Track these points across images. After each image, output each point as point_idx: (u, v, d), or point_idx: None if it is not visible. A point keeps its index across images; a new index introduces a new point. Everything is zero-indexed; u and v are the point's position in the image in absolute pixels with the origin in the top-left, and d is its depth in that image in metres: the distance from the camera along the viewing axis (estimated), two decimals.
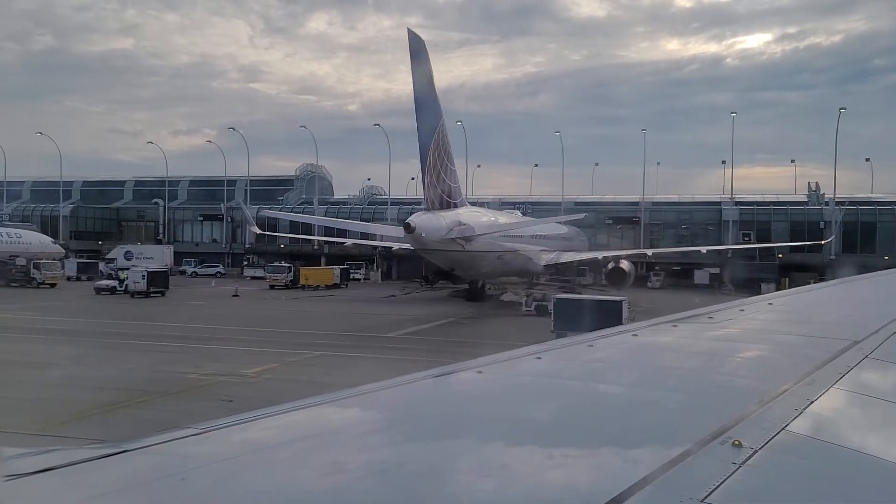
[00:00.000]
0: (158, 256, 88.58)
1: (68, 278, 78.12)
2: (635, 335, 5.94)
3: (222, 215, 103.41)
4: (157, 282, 61.66)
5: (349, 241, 78.69)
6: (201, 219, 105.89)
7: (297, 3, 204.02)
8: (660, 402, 3.80)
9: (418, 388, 3.97)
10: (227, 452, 2.73)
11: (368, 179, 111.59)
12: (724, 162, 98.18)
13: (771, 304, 9.19)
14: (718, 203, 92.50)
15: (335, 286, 73.41)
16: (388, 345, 34.55)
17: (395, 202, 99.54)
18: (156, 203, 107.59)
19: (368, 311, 51.83)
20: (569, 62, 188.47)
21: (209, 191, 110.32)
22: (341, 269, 78.54)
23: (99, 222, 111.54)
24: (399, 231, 55.62)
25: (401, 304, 58.22)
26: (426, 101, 51.87)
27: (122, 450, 2.58)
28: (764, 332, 6.81)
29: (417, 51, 51.58)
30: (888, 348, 5.48)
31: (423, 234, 49.63)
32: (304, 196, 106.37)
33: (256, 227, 76.21)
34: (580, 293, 48.73)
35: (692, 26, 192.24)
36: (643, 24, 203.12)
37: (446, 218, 51.29)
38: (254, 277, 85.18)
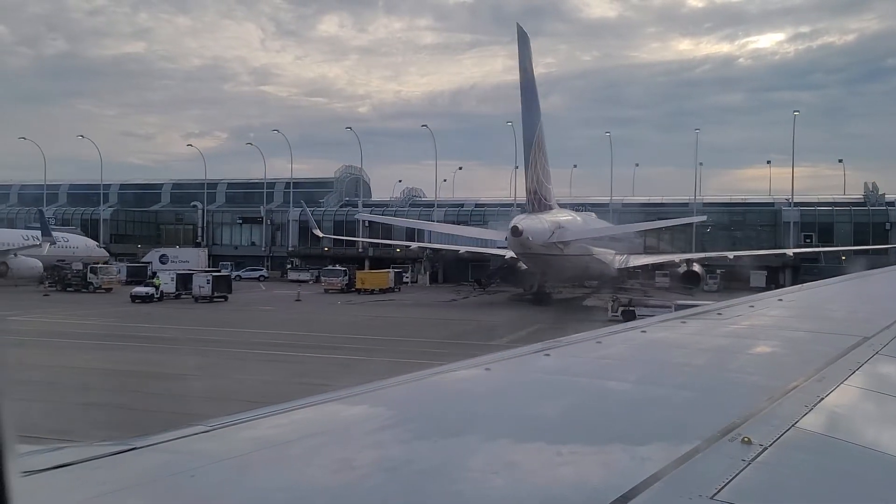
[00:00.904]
0: (194, 260, 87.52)
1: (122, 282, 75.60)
2: (644, 332, 5.93)
3: (262, 218, 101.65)
4: (221, 286, 60.14)
5: (463, 249, 71.02)
6: (240, 221, 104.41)
7: (307, 5, 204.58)
8: (669, 399, 3.79)
9: (426, 385, 3.98)
10: (235, 449, 2.75)
11: (400, 181, 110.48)
12: (769, 162, 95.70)
13: (780, 300, 9.15)
14: (772, 204, 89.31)
15: (390, 290, 71.39)
16: None
17: (439, 204, 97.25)
18: (194, 206, 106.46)
19: (447, 317, 48.90)
20: (580, 63, 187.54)
21: (247, 193, 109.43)
22: (395, 272, 76.36)
23: (137, 225, 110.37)
24: (495, 234, 54.17)
25: (470, 308, 55.75)
26: (530, 96, 50.51)
27: (133, 447, 2.60)
28: (773, 329, 6.78)
29: (523, 45, 50.23)
30: None
31: (530, 238, 48.00)
32: (344, 198, 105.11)
33: (319, 230, 75.27)
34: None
35: (704, 26, 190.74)
36: (654, 25, 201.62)
37: (547, 221, 50.02)
38: (298, 281, 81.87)
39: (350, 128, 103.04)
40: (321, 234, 76.89)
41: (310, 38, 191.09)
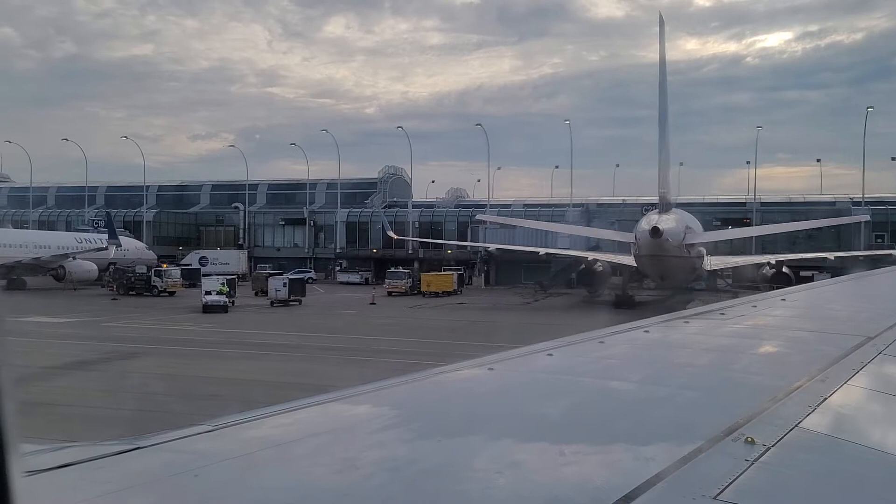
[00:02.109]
0: (234, 262, 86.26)
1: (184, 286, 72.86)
2: (647, 331, 5.92)
3: (304, 219, 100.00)
4: (296, 290, 57.63)
5: (590, 255, 63.38)
6: (283, 223, 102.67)
7: (314, 7, 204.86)
8: (672, 399, 3.78)
9: (430, 385, 3.98)
10: (239, 449, 2.75)
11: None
12: (818, 159, 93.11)
13: (784, 300, 9.14)
14: (833, 203, 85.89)
15: (453, 292, 69.18)
16: None
17: (482, 205, 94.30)
18: (236, 207, 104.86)
19: (541, 321, 45.67)
20: (587, 63, 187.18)
21: (288, 194, 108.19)
22: (458, 274, 74.55)
23: (177, 227, 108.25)
24: (621, 236, 51.71)
25: (556, 311, 52.37)
26: (665, 88, 48.86)
27: (137, 446, 2.60)
28: (777, 329, 6.78)
29: (663, 36, 49.04)
30: None
31: (669, 240, 45.77)
32: (388, 199, 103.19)
33: (392, 232, 73.72)
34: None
35: (711, 25, 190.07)
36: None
37: (680, 221, 48.07)
38: (348, 283, 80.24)
39: (401, 127, 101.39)
40: (395, 236, 75.47)
41: (316, 40, 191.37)
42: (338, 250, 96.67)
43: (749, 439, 2.78)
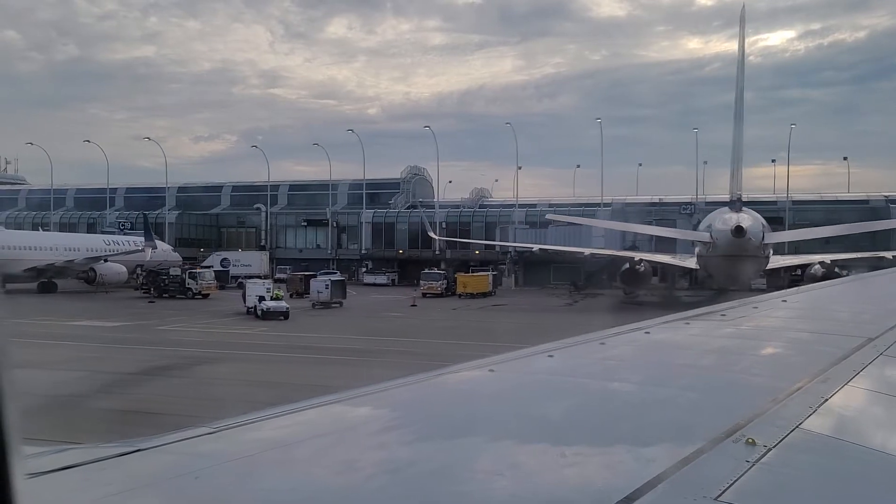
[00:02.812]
0: (256, 263, 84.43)
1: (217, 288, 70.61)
2: (647, 333, 5.92)
3: (327, 220, 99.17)
4: (337, 292, 56.04)
5: (637, 255, 60.61)
6: (305, 224, 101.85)
7: (316, 8, 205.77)
8: (672, 400, 3.78)
9: (430, 386, 3.98)
10: (240, 451, 2.75)
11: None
12: (845, 158, 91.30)
13: (784, 301, 9.14)
14: (867, 201, 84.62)
15: (488, 294, 67.79)
16: None
17: (507, 205, 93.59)
18: (257, 208, 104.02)
19: (600, 323, 42.59)
20: (589, 63, 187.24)
21: (310, 195, 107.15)
22: (493, 275, 73.08)
23: (199, 229, 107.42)
24: (695, 235, 50.11)
25: (604, 312, 51.57)
26: (742, 85, 47.76)
27: (138, 448, 2.61)
28: (777, 330, 6.78)
29: (743, 30, 48.13)
30: None
31: (752, 239, 44.82)
32: (411, 199, 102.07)
33: (433, 233, 73.09)
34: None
35: (713, 24, 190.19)
36: (664, 23, 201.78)
37: (757, 220, 47.03)
38: (375, 284, 78.37)
39: (428, 127, 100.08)
40: (436, 237, 74.96)
41: (318, 41, 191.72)
42: (363, 251, 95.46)
43: (750, 440, 2.78)
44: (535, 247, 72.50)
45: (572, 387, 4.10)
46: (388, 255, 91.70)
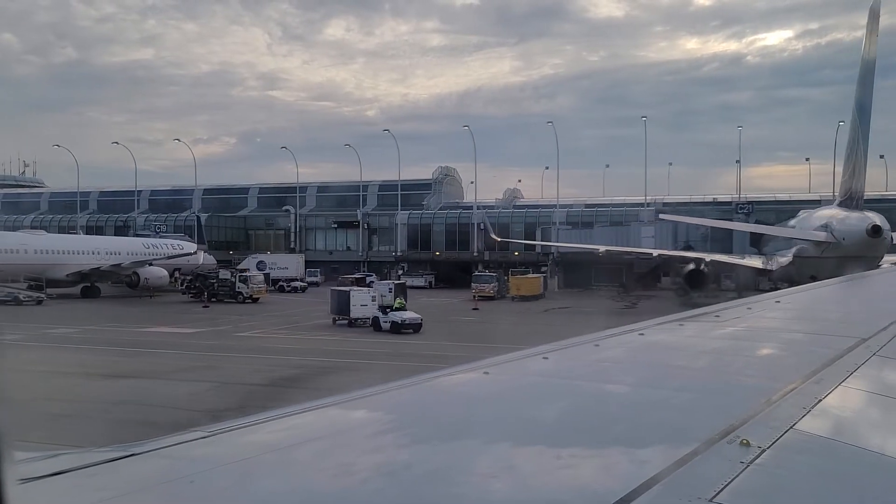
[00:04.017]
0: (293, 266, 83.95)
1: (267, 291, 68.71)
2: (642, 334, 5.93)
3: (357, 222, 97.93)
4: (400, 296, 54.05)
5: (708, 257, 58.58)
6: (335, 226, 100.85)
7: (314, 10, 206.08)
8: (667, 402, 3.79)
9: (425, 389, 3.98)
10: (235, 455, 2.75)
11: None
12: (882, 156, 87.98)
13: (778, 302, 9.17)
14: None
15: (539, 296, 66.00)
16: None
17: (548, 206, 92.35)
18: (286, 210, 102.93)
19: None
20: (587, 63, 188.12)
21: (339, 197, 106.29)
22: (543, 277, 71.79)
23: (227, 231, 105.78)
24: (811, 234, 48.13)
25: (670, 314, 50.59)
26: (870, 82, 46.13)
27: (131, 453, 2.59)
28: (771, 331, 6.80)
29: (874, 25, 46.08)
30: None
31: (885, 239, 43.33)
32: (443, 200, 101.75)
33: (495, 235, 71.68)
34: None
35: (711, 24, 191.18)
36: (662, 24, 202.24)
37: (884, 219, 45.28)
38: (411, 287, 77.61)
39: (467, 126, 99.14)
40: (498, 238, 73.38)
41: (317, 43, 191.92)
42: (398, 253, 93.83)
43: (744, 441, 2.79)
44: (602, 248, 68.69)
45: (567, 389, 4.11)
46: (425, 257, 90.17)
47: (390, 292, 51.88)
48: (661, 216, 74.93)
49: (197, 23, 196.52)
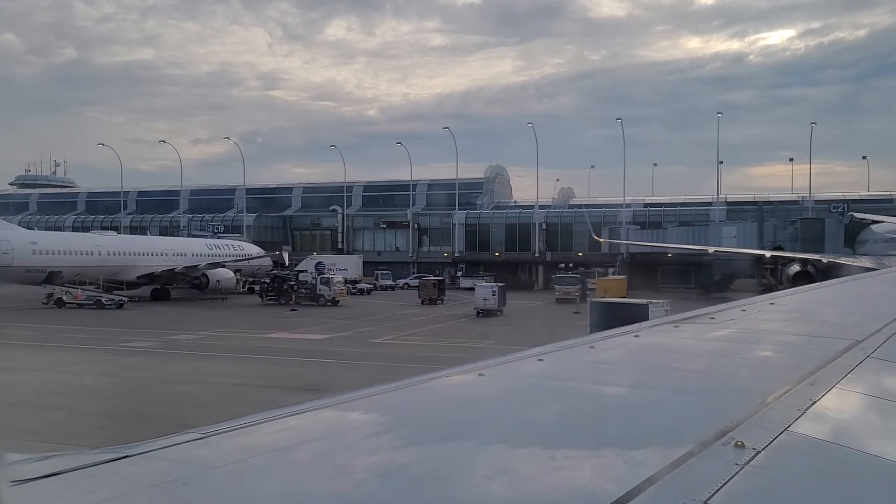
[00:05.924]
0: (352, 267, 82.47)
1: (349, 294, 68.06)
2: (637, 336, 5.95)
3: (406, 222, 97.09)
4: (501, 299, 53.08)
5: (826, 258, 56.40)
6: (384, 226, 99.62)
7: (315, 10, 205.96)
8: (662, 403, 3.79)
9: (420, 391, 3.98)
10: (229, 457, 2.74)
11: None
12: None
13: (772, 303, 9.18)
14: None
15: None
16: None
17: (613, 205, 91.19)
18: (333, 210, 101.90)
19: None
20: (588, 63, 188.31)
21: (386, 196, 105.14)
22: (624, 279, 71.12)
23: (273, 231, 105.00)
24: None
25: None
26: None
27: (125, 455, 2.58)
28: (766, 333, 6.81)
29: None
30: (890, 348, 5.48)
31: None
32: (494, 199, 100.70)
33: (596, 236, 71.03)
34: None
35: (713, 24, 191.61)
36: (664, 23, 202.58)
37: None
38: (472, 289, 79.17)
39: (531, 123, 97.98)
40: (601, 239, 72.88)
41: (318, 42, 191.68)
42: (456, 254, 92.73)
43: (739, 443, 2.79)
44: (712, 249, 67.07)
45: (562, 390, 4.11)
46: (484, 258, 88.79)
47: (494, 295, 50.90)
48: (857, 215, 68.66)
49: (197, 23, 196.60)
